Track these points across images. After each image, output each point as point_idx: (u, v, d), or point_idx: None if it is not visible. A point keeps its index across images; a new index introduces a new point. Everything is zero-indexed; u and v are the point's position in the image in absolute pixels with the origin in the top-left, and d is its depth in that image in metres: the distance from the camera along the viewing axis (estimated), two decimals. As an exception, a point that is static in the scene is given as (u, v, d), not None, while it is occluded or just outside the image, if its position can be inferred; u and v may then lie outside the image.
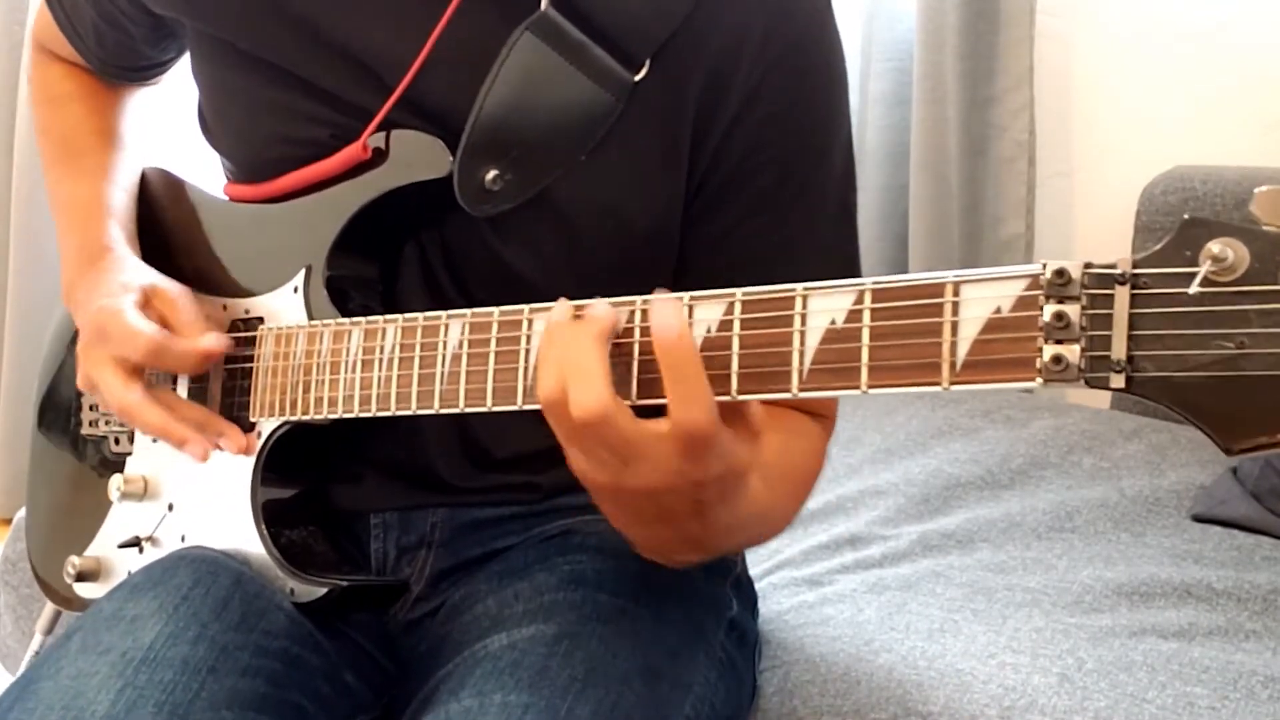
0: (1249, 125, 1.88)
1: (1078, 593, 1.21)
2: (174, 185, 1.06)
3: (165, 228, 1.05)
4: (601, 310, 0.69)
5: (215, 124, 1.00)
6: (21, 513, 1.39)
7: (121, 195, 1.04)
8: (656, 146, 0.88)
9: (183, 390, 0.97)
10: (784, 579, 1.25)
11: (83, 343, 0.93)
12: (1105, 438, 1.58)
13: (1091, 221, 2.06)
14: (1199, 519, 1.40)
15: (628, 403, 0.68)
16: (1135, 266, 0.57)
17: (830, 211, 0.92)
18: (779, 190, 0.89)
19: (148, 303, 0.92)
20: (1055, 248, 2.07)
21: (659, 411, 0.67)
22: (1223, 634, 1.14)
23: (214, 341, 0.90)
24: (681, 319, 0.66)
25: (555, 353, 0.69)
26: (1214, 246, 0.55)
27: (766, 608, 1.13)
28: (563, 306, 0.71)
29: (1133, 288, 0.57)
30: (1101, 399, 1.89)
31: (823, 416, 0.93)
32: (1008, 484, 1.48)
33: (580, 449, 0.69)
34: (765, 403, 0.88)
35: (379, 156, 0.89)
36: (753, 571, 1.11)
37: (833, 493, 1.46)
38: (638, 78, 0.86)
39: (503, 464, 0.96)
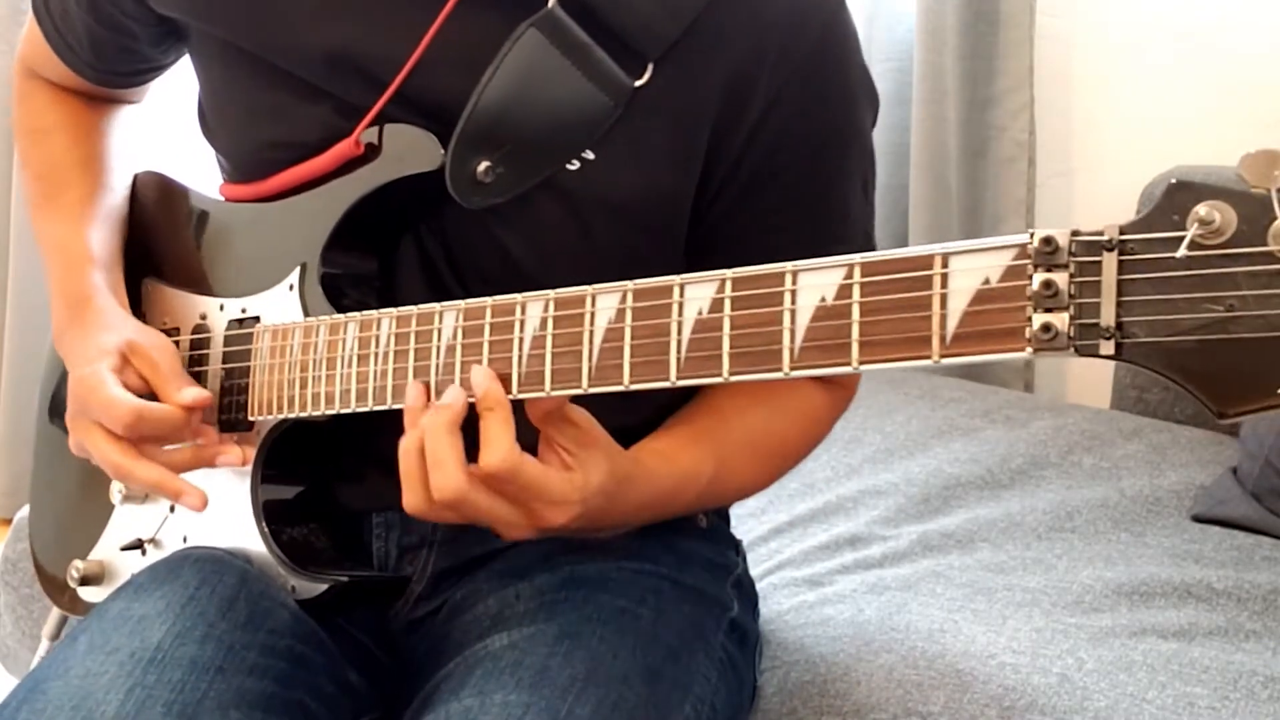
0: (1249, 125, 1.88)
1: (1078, 593, 1.21)
2: (169, 188, 1.06)
3: (161, 231, 1.05)
4: (450, 397, 0.77)
5: (214, 122, 1.00)
6: (22, 513, 1.39)
7: (102, 233, 1.02)
8: (667, 145, 0.88)
9: None
10: (784, 579, 1.25)
11: (70, 412, 0.93)
12: (1105, 438, 1.58)
13: (1092, 222, 2.03)
14: (1199, 519, 1.40)
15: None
16: (1123, 232, 0.57)
17: (855, 195, 0.94)
18: (805, 184, 0.91)
19: (126, 363, 0.91)
20: (1055, 248, 2.07)
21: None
22: (1223, 634, 1.15)
23: (193, 397, 0.89)
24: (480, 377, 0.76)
25: (415, 441, 0.78)
26: (1201, 209, 0.54)
27: (767, 608, 1.13)
28: (415, 391, 0.80)
29: (1120, 254, 0.57)
30: (1101, 398, 1.89)
31: (839, 386, 0.96)
32: (1008, 484, 1.48)
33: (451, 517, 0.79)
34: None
35: (372, 152, 0.89)
36: (753, 571, 1.11)
37: (833, 493, 1.46)
38: (638, 83, 0.86)
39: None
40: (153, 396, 0.90)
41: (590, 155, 0.87)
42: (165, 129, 1.17)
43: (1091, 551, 1.31)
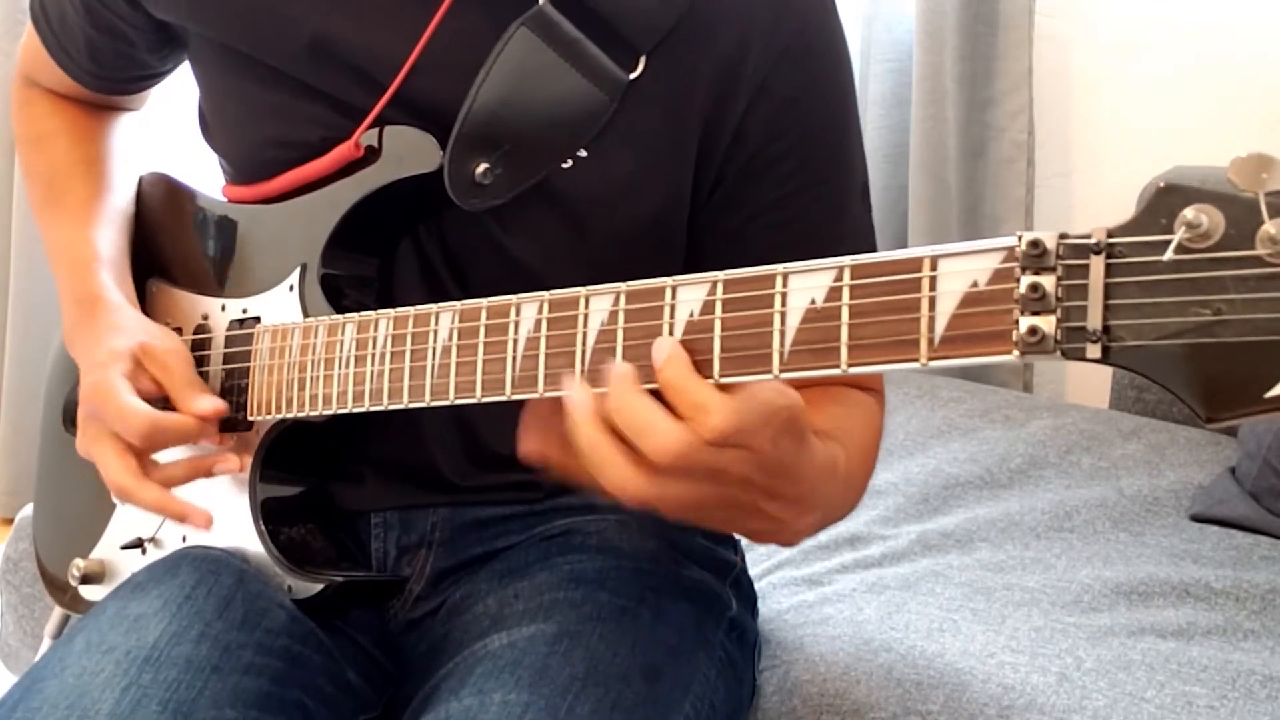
0: (1248, 126, 1.88)
1: (1076, 592, 1.21)
2: (172, 189, 1.07)
3: (166, 231, 1.05)
4: (622, 369, 0.68)
5: (214, 125, 1.01)
6: (23, 512, 1.39)
7: (108, 233, 1.03)
8: (662, 139, 0.88)
9: None
10: (784, 578, 1.26)
11: (81, 414, 0.93)
12: (1104, 437, 1.59)
13: (1090, 222, 2.02)
14: (1197, 519, 1.41)
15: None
16: (1110, 236, 0.57)
17: (853, 195, 0.93)
18: (798, 178, 0.90)
19: (138, 367, 0.91)
20: (1054, 248, 2.07)
21: None
22: (1221, 633, 1.15)
23: (209, 406, 0.89)
24: (668, 348, 0.66)
25: (598, 436, 0.67)
26: (1188, 213, 0.54)
27: (766, 607, 1.13)
28: (582, 398, 0.68)
29: (1108, 257, 0.56)
30: (1100, 398, 1.89)
31: (872, 390, 0.94)
32: (1007, 484, 1.48)
33: (680, 488, 0.67)
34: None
35: (372, 154, 0.89)
36: (753, 571, 1.11)
37: (832, 493, 1.46)
38: (632, 76, 0.86)
39: (504, 462, 0.96)
40: (166, 401, 0.90)
41: (583, 153, 0.87)
42: (168, 132, 1.17)
43: (1090, 551, 1.32)
